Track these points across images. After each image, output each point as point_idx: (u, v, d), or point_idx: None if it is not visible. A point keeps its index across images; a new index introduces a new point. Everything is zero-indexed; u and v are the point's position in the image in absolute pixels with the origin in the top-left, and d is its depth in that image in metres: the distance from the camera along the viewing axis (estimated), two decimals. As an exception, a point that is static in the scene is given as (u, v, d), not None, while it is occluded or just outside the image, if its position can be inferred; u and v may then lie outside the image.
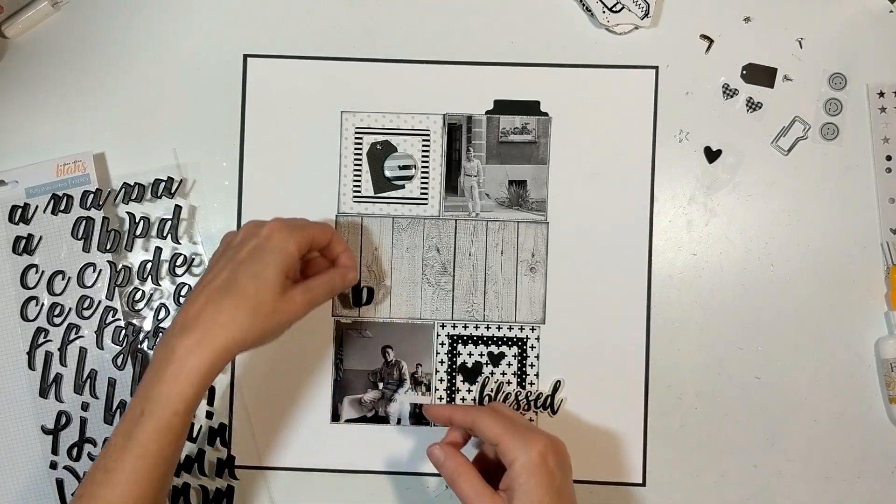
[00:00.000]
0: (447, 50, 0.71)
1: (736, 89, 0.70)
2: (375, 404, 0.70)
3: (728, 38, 0.70)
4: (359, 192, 0.71)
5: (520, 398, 0.70)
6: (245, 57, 0.71)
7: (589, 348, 0.70)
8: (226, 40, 0.71)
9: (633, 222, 0.70)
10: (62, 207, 0.68)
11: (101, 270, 0.68)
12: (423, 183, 0.71)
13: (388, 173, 0.71)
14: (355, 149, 0.71)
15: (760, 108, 0.70)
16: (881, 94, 0.69)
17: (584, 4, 0.70)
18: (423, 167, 0.71)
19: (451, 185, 0.71)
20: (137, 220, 0.69)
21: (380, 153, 0.71)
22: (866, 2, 0.70)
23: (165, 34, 0.71)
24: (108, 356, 0.68)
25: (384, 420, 0.70)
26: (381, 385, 0.70)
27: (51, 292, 0.68)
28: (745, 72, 0.70)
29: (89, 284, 0.68)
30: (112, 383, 0.68)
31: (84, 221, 0.68)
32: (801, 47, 0.70)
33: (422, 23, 0.71)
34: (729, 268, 0.70)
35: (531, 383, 0.70)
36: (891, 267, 0.69)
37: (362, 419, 0.70)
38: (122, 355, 0.68)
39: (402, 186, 0.71)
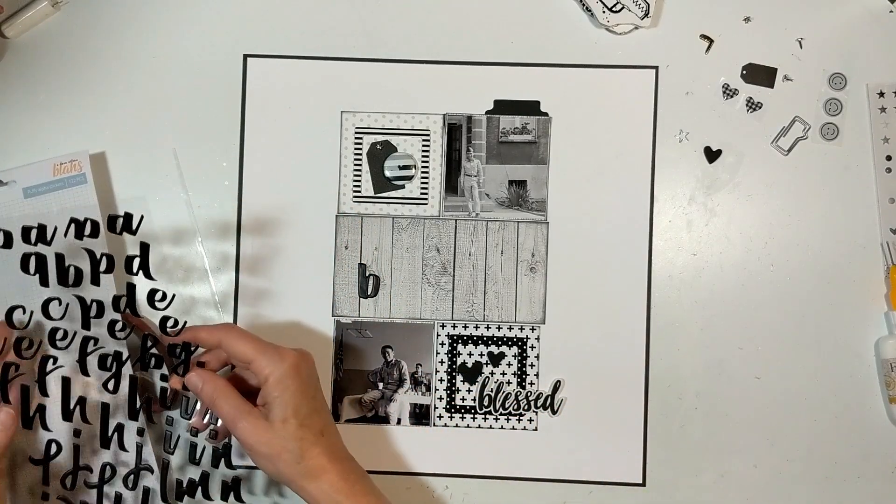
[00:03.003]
0: (447, 50, 0.71)
1: (736, 89, 0.70)
2: (375, 404, 0.70)
3: (728, 38, 0.70)
4: (359, 192, 0.71)
5: (520, 398, 0.70)
6: (245, 57, 0.71)
7: (589, 348, 0.70)
8: (226, 40, 0.71)
9: (633, 222, 0.70)
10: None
11: (68, 304, 0.63)
12: (423, 183, 0.71)
13: (388, 173, 0.71)
14: (355, 149, 0.71)
15: (760, 108, 0.70)
16: (881, 94, 0.70)
17: (584, 4, 0.70)
18: (423, 167, 0.71)
19: (451, 185, 0.71)
20: (99, 258, 0.63)
21: (380, 153, 0.71)
22: (866, 2, 0.70)
23: (165, 34, 0.71)
24: (96, 382, 0.65)
25: (384, 420, 0.70)
26: (381, 385, 0.70)
27: (12, 326, 0.62)
28: (745, 72, 0.70)
29: (58, 317, 0.62)
30: (105, 408, 0.64)
31: (32, 257, 0.61)
32: (801, 47, 0.70)
33: (422, 23, 0.71)
34: (729, 268, 0.70)
35: (531, 383, 0.70)
36: (891, 267, 0.69)
37: (362, 419, 0.70)
38: (112, 379, 0.64)
39: (402, 186, 0.71)
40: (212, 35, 0.71)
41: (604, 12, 0.69)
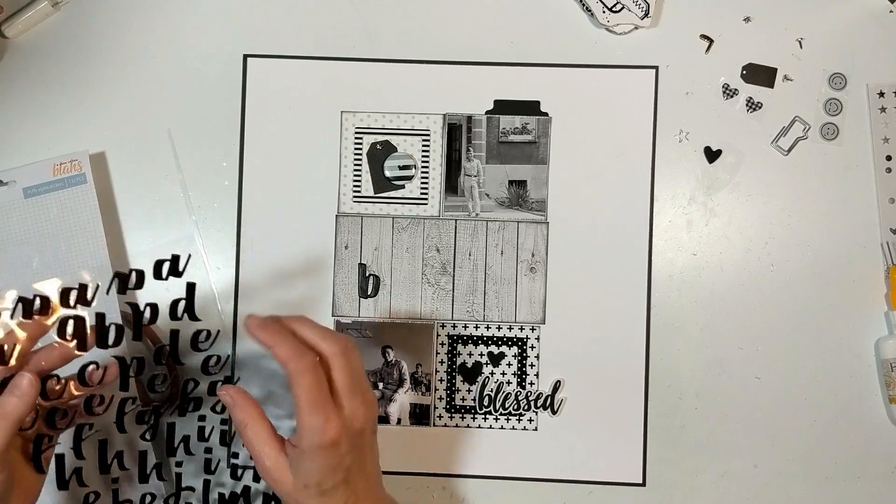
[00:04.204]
0: (447, 50, 0.71)
1: (736, 89, 0.70)
2: (375, 404, 0.70)
3: (728, 38, 0.70)
4: (359, 192, 0.71)
5: (520, 398, 0.70)
6: (245, 57, 0.71)
7: (589, 348, 0.70)
8: (226, 40, 0.71)
9: (633, 222, 0.70)
10: (37, 307, 0.54)
11: (107, 367, 0.57)
12: (423, 183, 0.71)
13: (388, 173, 0.71)
14: (355, 149, 0.71)
15: (760, 108, 0.70)
16: (881, 94, 0.70)
17: (584, 4, 0.70)
18: (423, 167, 0.71)
19: (451, 185, 0.71)
20: (143, 309, 0.58)
21: (380, 153, 0.71)
22: (866, 2, 0.70)
23: (165, 34, 0.71)
24: (133, 438, 0.64)
25: (384, 420, 0.70)
26: (381, 385, 0.70)
27: (44, 398, 0.55)
28: (745, 72, 0.70)
29: (96, 383, 0.57)
30: (143, 454, 0.63)
31: (71, 321, 0.54)
32: (801, 47, 0.70)
33: (422, 23, 0.71)
34: (729, 268, 0.70)
35: (531, 383, 0.70)
36: (891, 267, 0.69)
37: (362, 419, 0.70)
38: (149, 430, 0.62)
39: (402, 186, 0.71)
40: (212, 35, 0.71)
41: (604, 12, 0.69)
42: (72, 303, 0.55)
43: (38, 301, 0.54)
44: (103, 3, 0.72)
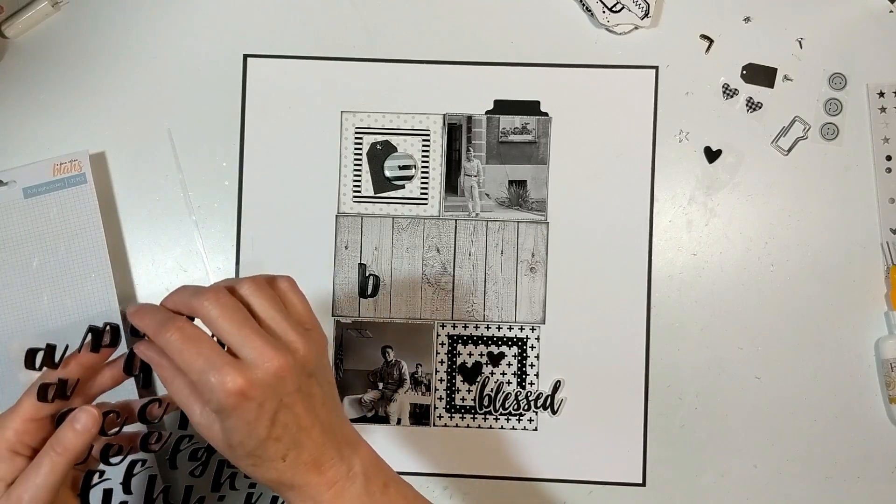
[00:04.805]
0: (447, 50, 0.71)
1: (736, 89, 0.70)
2: (375, 404, 0.70)
3: (728, 38, 0.70)
4: (359, 192, 0.71)
5: (520, 398, 0.70)
6: (245, 57, 0.71)
7: (589, 348, 0.70)
8: (226, 40, 0.71)
9: (633, 222, 0.70)
10: (106, 342, 0.53)
11: (168, 404, 0.55)
12: (423, 183, 0.71)
13: (388, 173, 0.71)
14: (355, 149, 0.71)
15: (760, 108, 0.70)
16: (881, 94, 0.70)
17: (584, 4, 0.70)
18: (423, 167, 0.71)
19: (451, 185, 0.71)
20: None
21: (380, 153, 0.71)
22: (866, 2, 0.70)
23: (165, 34, 0.71)
24: (182, 473, 0.65)
25: (384, 420, 0.70)
26: (381, 385, 0.70)
27: (102, 433, 0.52)
28: (745, 72, 0.70)
29: (156, 419, 0.55)
30: (188, 489, 0.63)
31: (135, 356, 0.53)
32: (801, 47, 0.70)
33: (422, 23, 0.71)
34: (729, 268, 0.70)
35: (531, 383, 0.70)
36: (891, 267, 0.69)
37: (362, 419, 0.70)
38: (200, 466, 0.63)
39: (402, 186, 0.71)
40: (212, 35, 0.71)
41: (604, 12, 0.69)
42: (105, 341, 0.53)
43: (108, 332, 0.52)
44: (103, 3, 0.72)
